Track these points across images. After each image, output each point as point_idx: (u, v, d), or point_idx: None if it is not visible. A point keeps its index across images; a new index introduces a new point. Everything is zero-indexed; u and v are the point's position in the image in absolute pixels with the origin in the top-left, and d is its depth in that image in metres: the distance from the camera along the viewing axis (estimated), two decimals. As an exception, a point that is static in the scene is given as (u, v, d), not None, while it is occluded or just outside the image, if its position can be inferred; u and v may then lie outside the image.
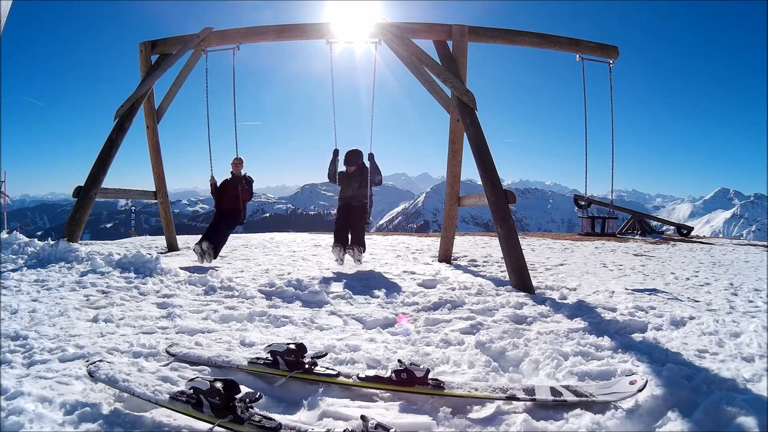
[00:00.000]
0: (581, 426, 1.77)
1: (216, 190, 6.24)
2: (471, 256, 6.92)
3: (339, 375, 2.18)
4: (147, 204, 9.86)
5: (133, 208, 20.69)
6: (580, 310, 3.57)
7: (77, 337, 2.70)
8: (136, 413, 1.85)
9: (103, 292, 3.87)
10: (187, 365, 2.34)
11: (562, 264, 6.52)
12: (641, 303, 3.85)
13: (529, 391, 2.00)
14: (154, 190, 7.18)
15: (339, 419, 1.84)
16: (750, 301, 4.16)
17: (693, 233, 13.04)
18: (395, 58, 5.84)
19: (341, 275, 5.03)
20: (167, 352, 2.50)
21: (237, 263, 5.91)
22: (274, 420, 1.70)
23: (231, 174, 6.31)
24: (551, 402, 1.94)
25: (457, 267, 5.93)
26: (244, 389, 1.78)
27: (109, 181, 6.09)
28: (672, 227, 13.60)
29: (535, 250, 8.31)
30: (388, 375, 2.10)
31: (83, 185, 5.82)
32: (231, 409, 1.70)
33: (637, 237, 11.69)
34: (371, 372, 2.20)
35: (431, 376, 2.11)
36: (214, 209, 6.36)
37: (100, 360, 2.23)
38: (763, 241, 12.21)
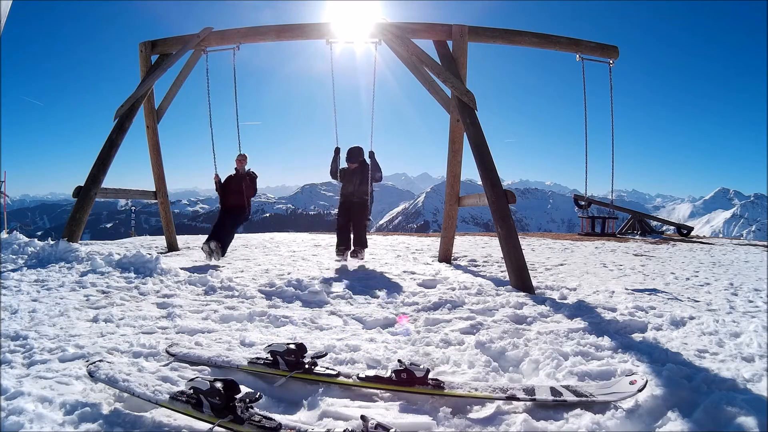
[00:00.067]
0: (581, 426, 1.77)
1: (220, 187, 6.28)
2: (471, 256, 6.91)
3: (339, 375, 2.18)
4: (147, 204, 9.86)
5: (133, 208, 20.68)
6: (580, 310, 3.57)
7: (77, 337, 2.69)
8: (136, 413, 1.85)
9: (103, 292, 3.87)
10: (187, 365, 2.34)
11: (562, 264, 6.52)
12: (641, 303, 3.85)
13: (529, 391, 2.00)
14: (154, 190, 7.19)
15: (339, 419, 1.84)
16: (750, 301, 4.16)
17: (693, 233, 13.03)
18: (395, 58, 5.84)
19: (341, 275, 5.03)
20: (167, 352, 2.50)
21: (237, 263, 5.90)
22: (274, 420, 1.70)
23: (235, 170, 6.35)
24: (551, 402, 1.94)
25: (457, 267, 5.93)
26: (244, 389, 1.78)
27: (109, 181, 6.12)
28: (672, 227, 13.60)
29: (535, 250, 8.30)
30: (388, 375, 2.10)
31: (83, 185, 5.83)
32: (231, 409, 1.70)
33: (637, 237, 11.69)
34: (371, 372, 2.20)
35: (431, 376, 2.10)
36: (219, 206, 6.40)
37: (100, 360, 2.23)
38: (763, 241, 12.20)
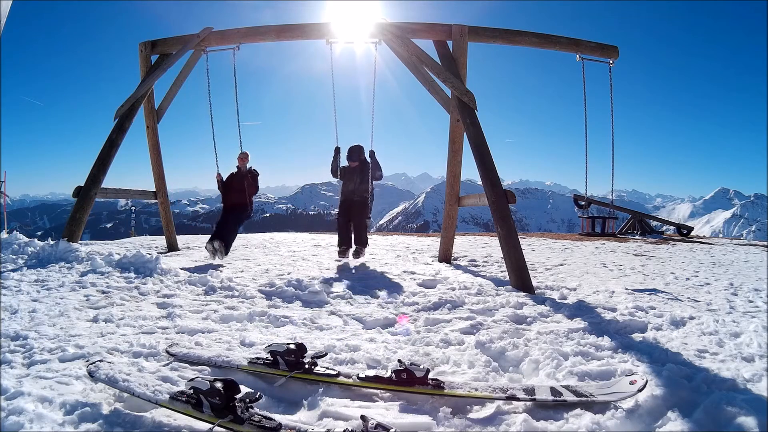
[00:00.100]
0: (581, 426, 1.77)
1: (222, 185, 6.32)
2: (471, 256, 6.91)
3: (339, 375, 2.18)
4: (147, 204, 9.86)
5: (133, 208, 20.69)
6: (580, 310, 3.57)
7: (77, 337, 2.69)
8: (136, 413, 1.85)
9: (103, 292, 3.87)
10: (187, 365, 2.34)
11: (562, 264, 6.52)
12: (641, 303, 3.85)
13: (529, 391, 2.00)
14: (154, 190, 7.19)
15: (339, 419, 1.84)
16: (750, 301, 4.16)
17: (693, 233, 13.04)
18: (395, 58, 5.84)
19: (341, 275, 5.03)
20: (167, 352, 2.50)
21: (237, 263, 5.90)
22: (274, 420, 1.70)
23: (237, 168, 6.39)
24: (551, 402, 1.94)
25: (457, 267, 5.93)
26: (244, 389, 1.78)
27: (109, 181, 6.11)
28: (672, 227, 13.60)
29: (535, 250, 8.30)
30: (388, 375, 2.10)
31: (83, 185, 5.83)
32: (231, 409, 1.70)
33: (637, 237, 11.69)
34: (371, 372, 2.20)
35: (431, 376, 2.10)
36: (220, 205, 6.44)
37: (100, 360, 2.23)
38: (763, 241, 12.20)
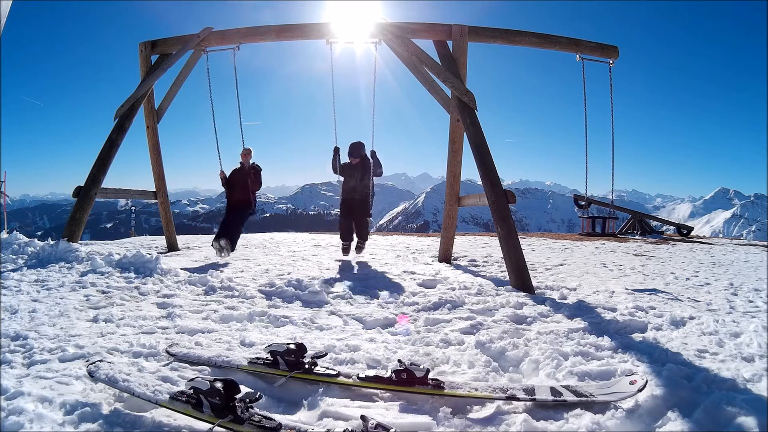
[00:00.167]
0: (581, 426, 1.77)
1: (226, 182, 6.40)
2: (471, 256, 6.91)
3: (339, 375, 2.18)
4: (147, 204, 9.87)
5: (133, 208, 20.69)
6: (580, 310, 3.57)
7: (77, 337, 2.69)
8: (136, 413, 1.85)
9: (103, 292, 3.87)
10: (187, 365, 2.34)
11: (562, 264, 6.52)
12: (641, 303, 3.85)
13: (529, 391, 2.00)
14: (154, 190, 7.19)
15: (339, 419, 1.84)
16: (750, 301, 4.16)
17: (693, 233, 13.03)
18: (395, 58, 5.84)
19: (341, 275, 5.03)
20: (167, 352, 2.50)
21: (237, 263, 5.90)
22: (274, 420, 1.70)
23: (240, 164, 6.47)
24: (551, 402, 1.94)
25: (457, 267, 5.93)
26: (244, 389, 1.78)
27: (109, 181, 6.13)
28: (672, 227, 13.60)
29: (535, 250, 8.30)
30: (388, 375, 2.10)
31: (83, 185, 5.83)
32: (231, 409, 1.70)
33: (637, 237, 11.69)
34: (371, 372, 2.20)
35: (431, 376, 2.11)
36: (224, 202, 6.53)
37: (100, 360, 2.23)
38: (763, 241, 12.20)
